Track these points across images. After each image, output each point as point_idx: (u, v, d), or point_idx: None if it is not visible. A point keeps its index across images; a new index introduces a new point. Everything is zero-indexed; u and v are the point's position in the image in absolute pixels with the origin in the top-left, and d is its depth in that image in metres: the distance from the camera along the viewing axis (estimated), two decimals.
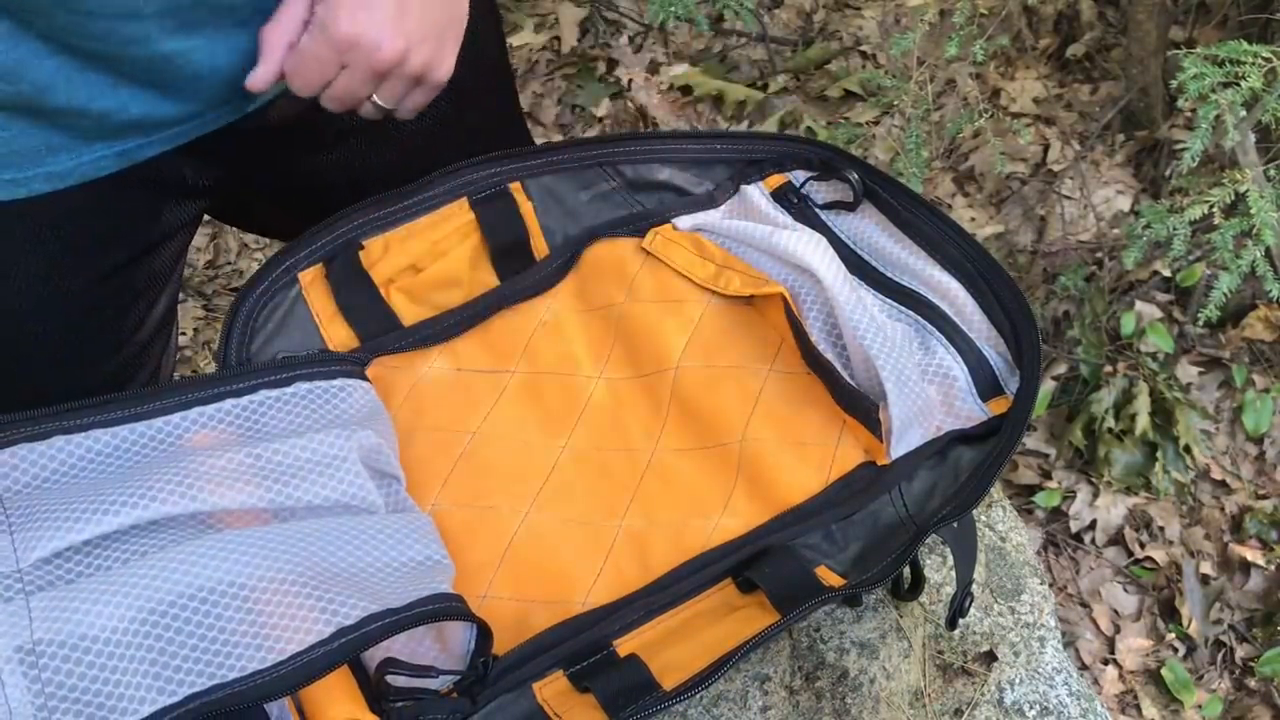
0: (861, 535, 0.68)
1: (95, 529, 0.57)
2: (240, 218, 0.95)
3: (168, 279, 0.83)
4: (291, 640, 0.54)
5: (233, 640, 0.54)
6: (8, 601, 0.53)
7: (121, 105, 0.68)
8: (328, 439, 0.64)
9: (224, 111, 0.74)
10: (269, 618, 0.55)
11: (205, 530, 0.59)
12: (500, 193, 0.79)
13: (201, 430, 0.65)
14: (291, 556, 0.57)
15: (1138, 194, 1.96)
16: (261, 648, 0.54)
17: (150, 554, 0.56)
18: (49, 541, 0.56)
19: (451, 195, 0.78)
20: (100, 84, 0.67)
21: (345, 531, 0.61)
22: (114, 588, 0.54)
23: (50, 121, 0.67)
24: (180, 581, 0.55)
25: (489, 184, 0.79)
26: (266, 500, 0.61)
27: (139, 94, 0.69)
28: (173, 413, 0.65)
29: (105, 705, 0.51)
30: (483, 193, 0.78)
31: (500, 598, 0.66)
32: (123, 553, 0.57)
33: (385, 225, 0.77)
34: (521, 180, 0.79)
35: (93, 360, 0.80)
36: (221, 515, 0.60)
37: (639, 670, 0.62)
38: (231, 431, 0.65)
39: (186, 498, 0.59)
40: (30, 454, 0.61)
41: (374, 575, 0.59)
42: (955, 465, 0.71)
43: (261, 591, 0.56)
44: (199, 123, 0.74)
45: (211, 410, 0.66)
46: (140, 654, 0.53)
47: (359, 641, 0.55)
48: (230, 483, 0.61)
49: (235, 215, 0.94)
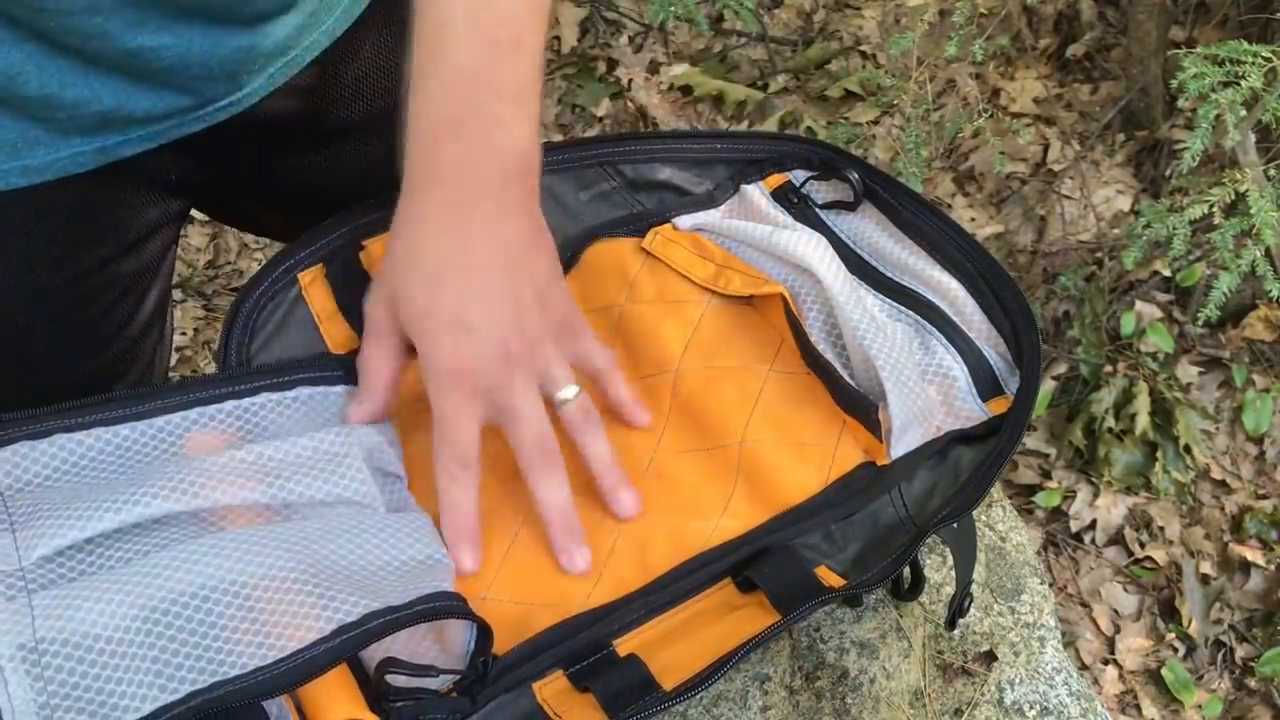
0: (861, 535, 0.68)
1: (97, 527, 0.57)
2: (234, 217, 0.94)
3: (155, 274, 0.83)
4: (292, 637, 0.55)
5: (234, 638, 0.54)
6: (10, 600, 0.53)
7: (94, 94, 0.67)
8: (329, 436, 0.64)
9: (208, 111, 0.73)
10: (269, 615, 0.55)
11: (206, 529, 0.59)
12: None
13: (202, 430, 0.65)
14: (292, 555, 0.58)
15: (1138, 194, 1.96)
16: (262, 645, 0.54)
17: (151, 553, 0.57)
18: (51, 539, 0.56)
19: None
20: (71, 72, 0.66)
21: (345, 530, 0.61)
22: (116, 586, 0.54)
23: (26, 113, 0.67)
24: (181, 580, 0.55)
25: None
26: (268, 497, 0.61)
27: (110, 84, 0.67)
28: (173, 412, 0.65)
29: (107, 704, 0.52)
30: None
31: (500, 600, 0.66)
32: (124, 551, 0.57)
33: (385, 226, 0.77)
34: None
35: (80, 355, 0.80)
36: (223, 513, 0.61)
37: (639, 670, 0.62)
38: (232, 431, 0.65)
39: (188, 495, 0.59)
40: (32, 451, 0.61)
41: (374, 573, 0.59)
42: (955, 465, 0.71)
43: (262, 590, 0.56)
44: (178, 121, 0.72)
45: (213, 410, 0.66)
46: (142, 652, 0.53)
47: (360, 638, 0.55)
48: (231, 480, 0.61)
49: (229, 214, 0.93)
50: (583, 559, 0.65)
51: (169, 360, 0.92)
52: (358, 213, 0.77)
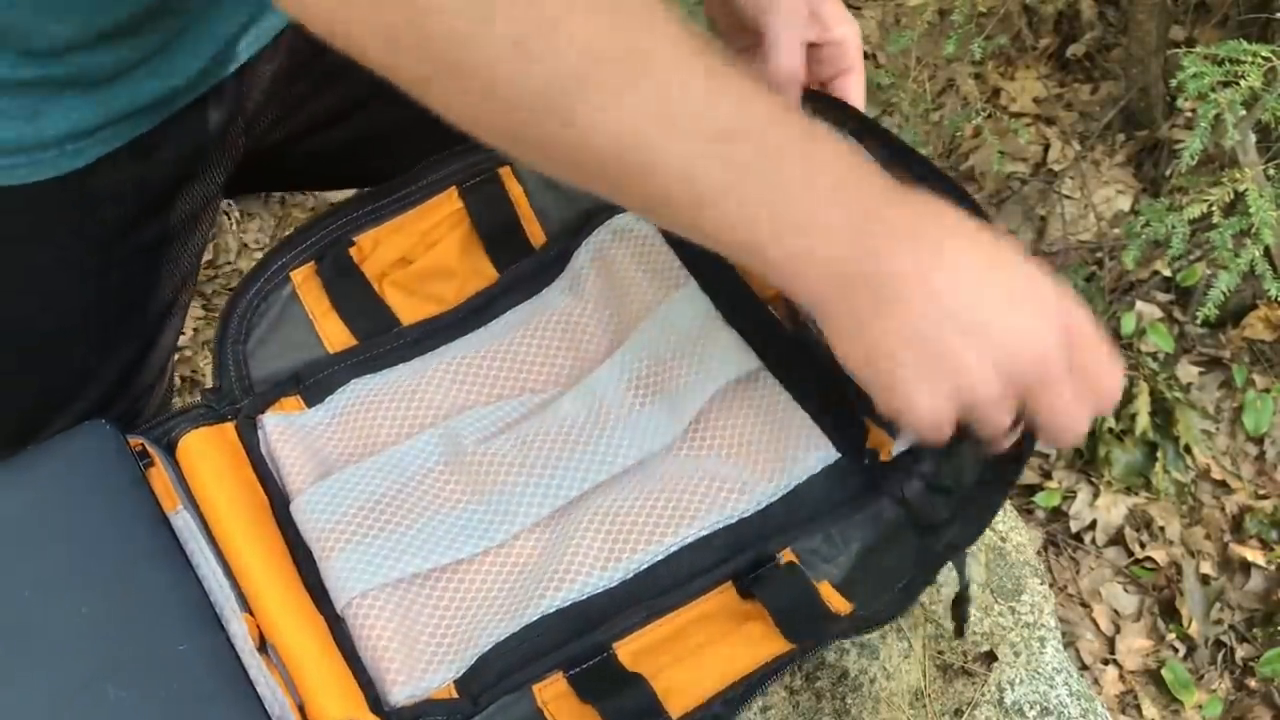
0: (862, 537, 0.67)
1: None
2: (278, 174, 0.92)
3: (193, 261, 0.83)
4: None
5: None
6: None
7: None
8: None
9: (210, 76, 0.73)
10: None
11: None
12: (489, 179, 0.78)
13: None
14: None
15: (1138, 194, 1.96)
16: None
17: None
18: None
19: (440, 185, 0.77)
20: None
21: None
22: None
23: (78, 89, 0.66)
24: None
25: (478, 171, 0.78)
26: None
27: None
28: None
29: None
30: (471, 180, 0.78)
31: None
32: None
33: (375, 220, 0.77)
34: (512, 164, 0.79)
35: (118, 343, 0.81)
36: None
37: (644, 694, 0.62)
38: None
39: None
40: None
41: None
42: (957, 461, 0.69)
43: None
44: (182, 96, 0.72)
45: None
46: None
47: None
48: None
49: (272, 171, 0.91)
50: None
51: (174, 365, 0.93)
52: (346, 209, 0.76)
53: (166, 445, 0.70)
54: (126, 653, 0.61)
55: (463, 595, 0.66)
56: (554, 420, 0.70)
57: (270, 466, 0.71)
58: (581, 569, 0.65)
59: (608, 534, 0.67)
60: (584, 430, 0.70)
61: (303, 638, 0.63)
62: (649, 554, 0.66)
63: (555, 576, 0.65)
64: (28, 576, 0.63)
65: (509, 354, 0.74)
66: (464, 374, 0.74)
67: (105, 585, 0.63)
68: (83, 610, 0.62)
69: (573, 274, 0.76)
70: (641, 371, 0.71)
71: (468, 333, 0.76)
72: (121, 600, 0.63)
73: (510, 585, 0.67)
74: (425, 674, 0.63)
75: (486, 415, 0.72)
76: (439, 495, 0.69)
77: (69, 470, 0.67)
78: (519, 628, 0.64)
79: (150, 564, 0.64)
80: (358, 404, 0.73)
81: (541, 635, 0.64)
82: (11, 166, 0.68)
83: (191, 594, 0.63)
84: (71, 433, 0.69)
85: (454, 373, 0.74)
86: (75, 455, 0.68)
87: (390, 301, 0.76)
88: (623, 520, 0.67)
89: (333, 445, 0.72)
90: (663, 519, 0.67)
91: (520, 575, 0.67)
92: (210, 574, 0.64)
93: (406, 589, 0.66)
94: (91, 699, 0.59)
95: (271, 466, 0.71)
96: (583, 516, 0.67)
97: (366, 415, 0.73)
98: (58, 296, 0.76)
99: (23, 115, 0.66)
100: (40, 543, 0.65)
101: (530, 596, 0.65)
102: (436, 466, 0.70)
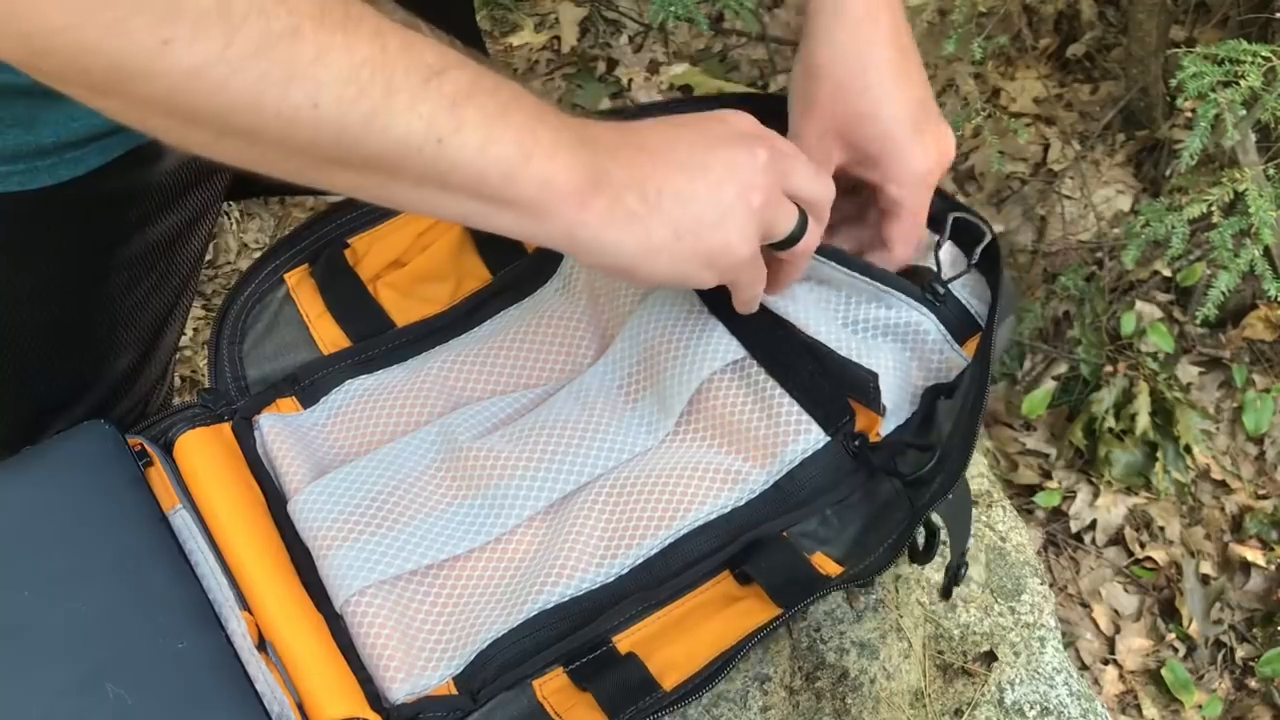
0: (859, 517, 0.67)
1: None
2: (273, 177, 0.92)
3: (194, 262, 0.83)
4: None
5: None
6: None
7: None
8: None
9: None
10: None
11: None
12: None
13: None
14: None
15: (1138, 194, 1.96)
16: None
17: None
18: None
19: None
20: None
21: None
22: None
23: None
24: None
25: None
26: None
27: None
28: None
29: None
30: None
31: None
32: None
33: (370, 222, 0.77)
34: None
35: (119, 348, 0.80)
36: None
37: (638, 669, 0.62)
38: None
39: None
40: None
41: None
42: (936, 421, 0.69)
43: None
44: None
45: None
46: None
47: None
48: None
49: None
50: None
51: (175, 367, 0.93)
52: (340, 211, 0.77)
53: (164, 445, 0.70)
54: (125, 651, 0.61)
55: (460, 591, 0.66)
56: (548, 416, 0.70)
57: (267, 466, 0.71)
58: (579, 564, 0.66)
59: (604, 528, 0.67)
60: (577, 426, 0.70)
61: (301, 636, 0.63)
62: (645, 547, 0.66)
63: (552, 572, 0.65)
64: (27, 576, 0.63)
65: (503, 353, 0.74)
66: (458, 374, 0.74)
67: (104, 584, 0.63)
68: (82, 609, 0.62)
69: (564, 275, 0.76)
70: (632, 367, 0.71)
71: (461, 334, 0.76)
72: (120, 599, 0.63)
73: (507, 581, 0.67)
74: (424, 671, 0.63)
75: (481, 412, 0.72)
76: (435, 492, 0.69)
77: (68, 470, 0.67)
78: (517, 623, 0.64)
79: (149, 563, 0.64)
80: (353, 404, 0.73)
81: (540, 630, 0.64)
82: (9, 174, 0.67)
83: (190, 593, 0.63)
84: (70, 433, 0.69)
85: (448, 373, 0.74)
86: (74, 455, 0.68)
87: (384, 303, 0.77)
88: (618, 514, 0.67)
89: (328, 445, 0.72)
90: (658, 512, 0.67)
91: (517, 571, 0.67)
92: (209, 573, 0.64)
93: (404, 586, 0.66)
94: (91, 698, 0.59)
95: (268, 466, 0.71)
96: (579, 511, 0.67)
97: (362, 415, 0.73)
98: (58, 303, 0.76)
99: (21, 123, 0.65)
100: (40, 542, 0.65)
101: (528, 592, 0.65)
102: (432, 464, 0.70)
